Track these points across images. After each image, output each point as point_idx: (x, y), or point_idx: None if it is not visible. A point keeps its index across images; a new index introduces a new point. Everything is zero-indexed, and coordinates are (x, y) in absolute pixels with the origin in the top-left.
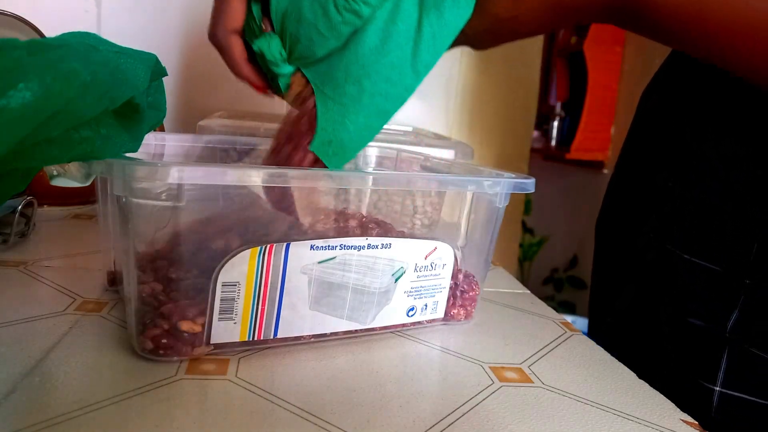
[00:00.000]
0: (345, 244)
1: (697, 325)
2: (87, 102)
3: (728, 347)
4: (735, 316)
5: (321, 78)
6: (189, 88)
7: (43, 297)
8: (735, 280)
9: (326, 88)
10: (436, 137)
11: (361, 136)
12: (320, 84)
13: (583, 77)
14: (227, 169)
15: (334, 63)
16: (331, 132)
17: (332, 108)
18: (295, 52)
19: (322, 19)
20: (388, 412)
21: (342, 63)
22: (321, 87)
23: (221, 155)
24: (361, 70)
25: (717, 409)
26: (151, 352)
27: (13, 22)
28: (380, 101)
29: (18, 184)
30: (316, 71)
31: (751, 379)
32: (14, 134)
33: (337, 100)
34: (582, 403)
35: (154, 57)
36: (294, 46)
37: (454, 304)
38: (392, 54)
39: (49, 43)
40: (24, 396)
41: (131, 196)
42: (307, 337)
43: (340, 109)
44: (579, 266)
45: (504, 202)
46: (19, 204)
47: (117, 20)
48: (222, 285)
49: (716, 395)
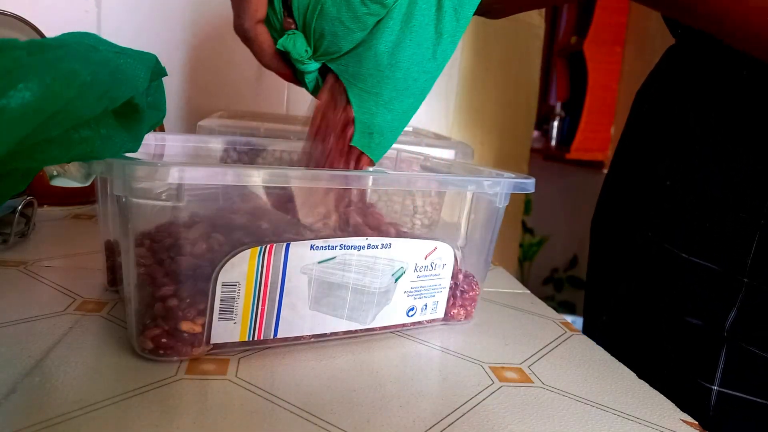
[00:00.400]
0: (345, 244)
1: (694, 323)
2: (87, 102)
3: (726, 346)
4: (733, 315)
5: (350, 71)
6: (189, 88)
7: (43, 297)
8: (733, 280)
9: (358, 81)
10: (436, 137)
11: (400, 121)
12: (351, 78)
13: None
14: (227, 169)
15: (362, 54)
16: (370, 124)
17: (367, 99)
18: (321, 48)
19: (346, 13)
20: (388, 412)
21: (371, 53)
22: (352, 81)
23: (221, 155)
24: (391, 57)
25: (715, 408)
26: (151, 352)
27: (13, 22)
28: (413, 84)
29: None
30: (345, 65)
31: (749, 378)
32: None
33: (371, 91)
34: (582, 403)
35: (154, 57)
36: (319, 43)
37: (454, 304)
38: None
39: (49, 44)
40: (24, 396)
41: (131, 196)
42: (307, 337)
43: (375, 98)
44: (579, 266)
45: (504, 202)
46: (19, 204)
47: (117, 20)
48: (222, 285)
49: (714, 394)
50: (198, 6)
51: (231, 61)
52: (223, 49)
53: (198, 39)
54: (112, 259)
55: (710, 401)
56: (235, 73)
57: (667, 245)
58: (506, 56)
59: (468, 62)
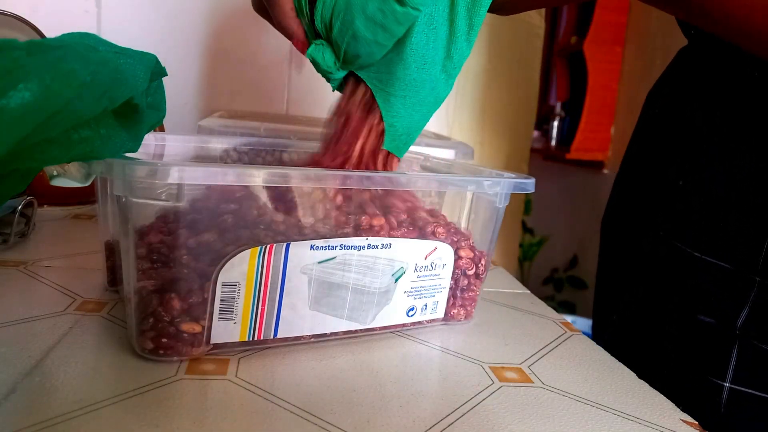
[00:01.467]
0: (345, 244)
1: (706, 321)
2: (86, 102)
3: (738, 344)
4: (745, 313)
5: (379, 77)
6: (189, 88)
7: (43, 297)
8: (745, 278)
9: (387, 86)
10: (436, 137)
11: (424, 120)
12: (379, 83)
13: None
14: (227, 169)
15: (392, 60)
16: (399, 126)
17: (395, 103)
18: (354, 63)
19: (382, 34)
20: (388, 412)
21: (399, 58)
22: (381, 86)
23: (221, 155)
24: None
25: (726, 405)
26: (151, 352)
27: (13, 22)
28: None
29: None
30: (374, 72)
31: (761, 376)
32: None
33: (398, 95)
34: (582, 403)
35: (154, 57)
36: (352, 58)
37: (454, 304)
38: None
39: (49, 44)
40: (24, 396)
41: (131, 196)
42: (307, 337)
43: (403, 101)
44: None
45: (504, 202)
46: (19, 204)
47: (117, 20)
48: (222, 285)
49: (726, 391)
50: (198, 6)
51: (231, 61)
52: (223, 49)
53: (198, 39)
54: (112, 259)
55: (722, 398)
56: (236, 73)
57: (678, 244)
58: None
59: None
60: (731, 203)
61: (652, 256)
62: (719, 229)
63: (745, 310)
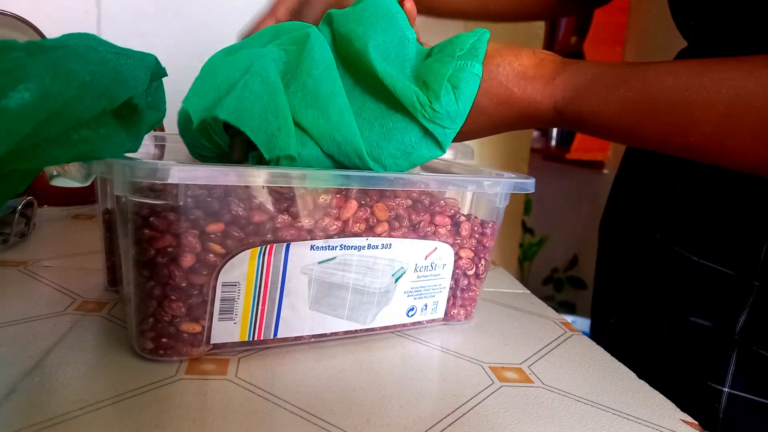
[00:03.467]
0: (345, 245)
1: (705, 326)
2: (86, 102)
3: (737, 349)
4: (744, 317)
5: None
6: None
7: (43, 297)
8: (744, 283)
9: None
10: None
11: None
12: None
13: None
14: (228, 168)
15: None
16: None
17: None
18: None
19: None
20: (388, 412)
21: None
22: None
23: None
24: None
25: (725, 410)
26: (151, 352)
27: (13, 22)
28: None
29: (18, 185)
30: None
31: (760, 381)
32: (13, 134)
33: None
34: (582, 403)
35: (154, 58)
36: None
37: (454, 304)
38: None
39: (48, 45)
40: (24, 396)
41: (131, 196)
42: (307, 337)
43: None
44: (579, 266)
45: (504, 202)
46: (19, 204)
47: (117, 21)
48: (222, 285)
49: (724, 396)
50: (198, 6)
51: None
52: None
53: (198, 39)
54: (112, 260)
55: (720, 403)
56: None
57: (676, 248)
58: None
59: None
60: (730, 207)
61: (649, 259)
62: (717, 233)
63: (743, 314)
